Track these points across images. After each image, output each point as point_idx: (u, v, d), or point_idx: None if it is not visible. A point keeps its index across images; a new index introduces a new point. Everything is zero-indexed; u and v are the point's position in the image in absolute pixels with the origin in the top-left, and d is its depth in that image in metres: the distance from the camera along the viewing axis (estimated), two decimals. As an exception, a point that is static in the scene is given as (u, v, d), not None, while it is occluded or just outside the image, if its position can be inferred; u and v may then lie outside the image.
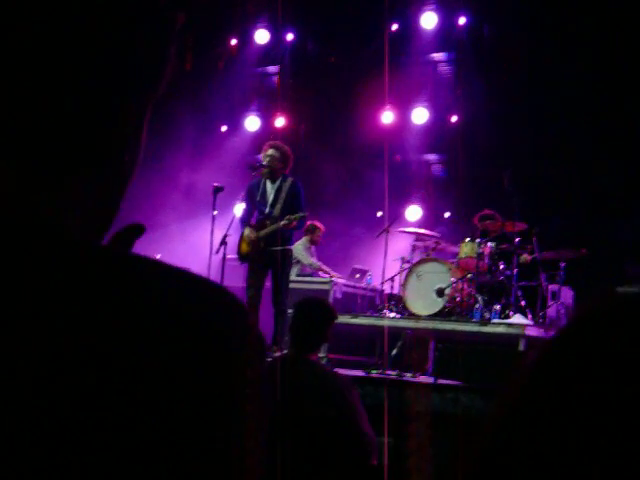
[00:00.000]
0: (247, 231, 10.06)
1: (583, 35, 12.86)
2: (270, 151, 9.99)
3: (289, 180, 10.02)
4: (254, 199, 10.10)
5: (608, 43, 12.51)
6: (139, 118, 1.02)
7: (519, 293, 10.69)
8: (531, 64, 13.92)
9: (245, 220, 10.20)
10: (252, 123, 16.82)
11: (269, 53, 17.03)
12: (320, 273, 12.45)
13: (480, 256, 10.91)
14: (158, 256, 14.10)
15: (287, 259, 10.03)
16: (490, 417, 0.79)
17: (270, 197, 10.00)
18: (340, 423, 4.79)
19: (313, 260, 12.63)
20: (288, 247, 10.00)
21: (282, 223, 9.67)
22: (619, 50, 12.39)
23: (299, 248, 12.20)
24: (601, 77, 12.64)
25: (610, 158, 12.17)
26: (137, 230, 1.00)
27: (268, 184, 10.04)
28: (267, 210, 9.98)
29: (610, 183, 12.23)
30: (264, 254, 9.89)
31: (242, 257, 10.18)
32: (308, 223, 12.06)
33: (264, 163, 9.98)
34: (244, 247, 10.10)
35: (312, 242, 12.79)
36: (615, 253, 11.32)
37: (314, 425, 4.75)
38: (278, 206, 9.92)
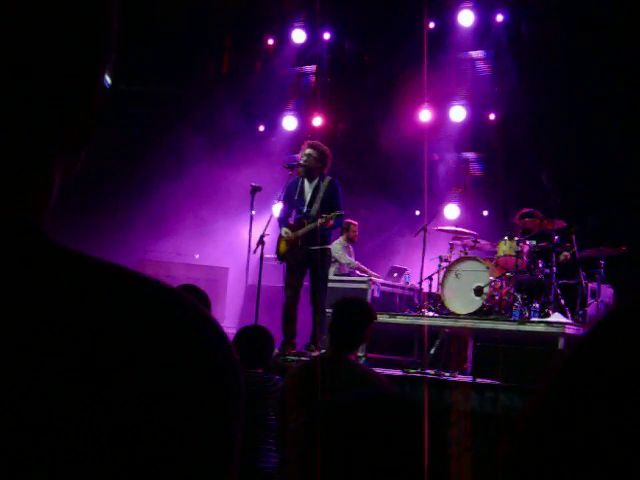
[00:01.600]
0: (285, 230, 10.06)
1: (622, 29, 12.74)
2: (308, 150, 9.98)
3: (327, 179, 10.00)
4: (292, 198, 10.09)
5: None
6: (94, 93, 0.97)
7: (558, 291, 10.63)
8: (569, 60, 13.82)
9: (283, 219, 10.19)
10: (290, 123, 16.83)
11: (306, 52, 17.03)
12: (357, 272, 12.44)
13: (519, 254, 10.86)
14: (197, 256, 14.18)
15: (325, 258, 10.02)
16: (523, 413, 0.80)
17: (308, 196, 9.99)
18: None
19: (351, 259, 12.63)
20: (326, 246, 9.99)
21: (319, 222, 9.65)
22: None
23: (337, 247, 12.20)
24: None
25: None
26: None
27: (306, 183, 10.03)
28: (305, 209, 9.97)
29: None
30: (302, 253, 9.88)
31: (280, 257, 10.18)
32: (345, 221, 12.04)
33: (302, 162, 9.98)
34: (282, 247, 10.10)
35: (349, 240, 12.78)
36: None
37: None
38: (316, 205, 9.90)
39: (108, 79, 0.97)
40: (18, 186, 0.90)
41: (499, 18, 15.12)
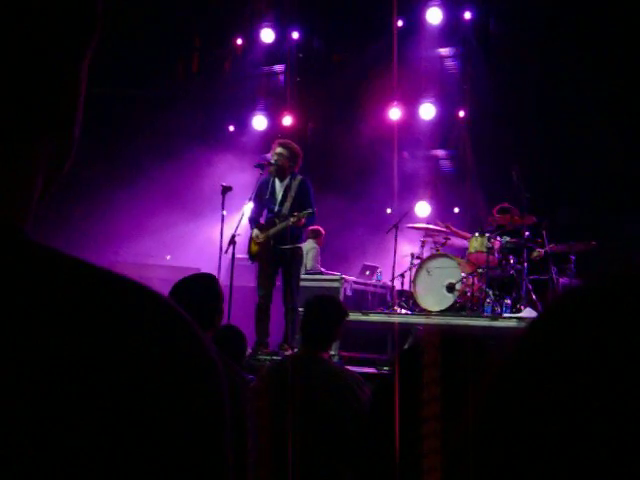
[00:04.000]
0: (256, 230, 10.06)
1: (591, 28, 12.82)
2: (279, 149, 9.98)
3: (298, 178, 10.00)
4: (263, 198, 10.09)
5: (617, 37, 12.48)
6: (77, 78, 0.95)
7: (530, 287, 10.68)
8: (538, 57, 13.89)
9: (254, 219, 10.18)
10: (259, 122, 16.82)
11: (275, 52, 17.03)
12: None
13: (490, 250, 10.90)
14: (168, 257, 14.13)
15: (297, 257, 10.02)
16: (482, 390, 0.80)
17: (279, 195, 9.99)
18: (352, 420, 4.79)
19: (318, 265, 12.66)
20: (298, 245, 9.99)
21: (291, 220, 9.65)
22: (629, 44, 12.35)
23: (313, 253, 12.25)
24: (609, 69, 12.61)
25: (619, 151, 12.13)
26: None
27: (277, 182, 10.04)
28: (276, 208, 9.97)
29: (619, 175, 12.20)
30: (274, 253, 9.88)
31: (252, 256, 10.18)
32: (310, 228, 12.05)
33: (273, 161, 9.98)
34: (254, 247, 10.09)
35: (320, 246, 12.83)
36: (625, 245, 11.29)
37: (326, 423, 4.75)
38: (287, 204, 9.91)
39: None
40: None
41: (467, 16, 15.19)
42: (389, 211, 14.52)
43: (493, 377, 0.78)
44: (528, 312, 10.10)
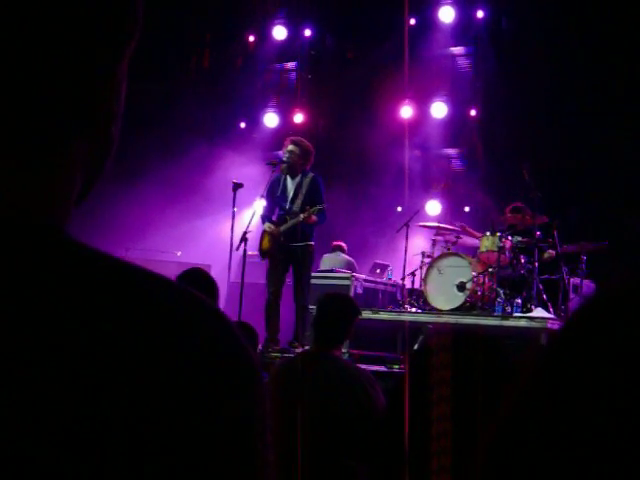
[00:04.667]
0: (268, 227, 10.06)
1: (602, 26, 12.80)
2: (290, 147, 9.99)
3: (309, 175, 10.01)
4: (275, 195, 10.10)
5: (629, 33, 12.44)
6: (116, 78, 0.95)
7: (540, 287, 10.66)
8: (550, 56, 13.87)
9: (266, 217, 10.19)
10: (271, 119, 16.82)
11: (287, 49, 17.03)
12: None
13: (501, 250, 10.88)
14: (179, 253, 14.14)
15: (308, 255, 10.01)
16: (504, 406, 0.80)
17: (290, 193, 10.00)
18: (363, 418, 4.79)
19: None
20: (309, 243, 9.98)
21: (302, 217, 9.66)
22: None
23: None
24: (622, 68, 12.58)
25: (631, 149, 12.10)
26: None
27: (288, 180, 10.04)
28: (287, 206, 9.98)
29: (630, 175, 12.17)
30: (285, 250, 9.89)
31: (263, 253, 10.18)
32: (334, 244, 12.15)
33: (284, 159, 9.98)
34: (265, 243, 10.10)
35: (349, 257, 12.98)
36: (637, 245, 11.26)
37: (336, 420, 4.75)
38: (298, 202, 9.91)
39: None
40: (30, 179, 0.88)
41: (480, 14, 15.16)
42: (400, 209, 14.50)
43: (526, 381, 0.78)
44: (538, 312, 10.09)
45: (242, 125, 17.12)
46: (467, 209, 14.66)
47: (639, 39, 12.26)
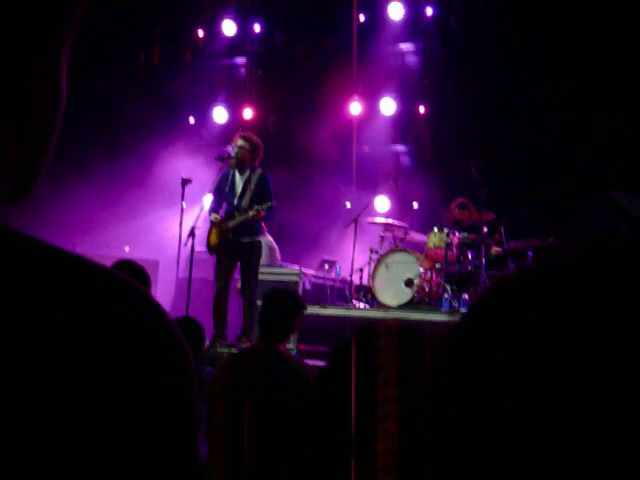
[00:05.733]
0: (214, 218, 10.03)
1: (550, 24, 12.91)
2: (240, 142, 9.97)
3: (258, 171, 10.01)
4: (223, 190, 10.07)
5: (576, 32, 12.56)
6: (50, 66, 0.91)
7: (487, 282, 10.73)
8: (497, 54, 13.96)
9: (213, 211, 10.16)
10: (220, 115, 16.75)
11: (237, 45, 16.96)
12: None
13: (448, 246, 10.95)
14: (127, 249, 14.06)
15: (256, 250, 10.00)
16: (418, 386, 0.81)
17: (239, 188, 9.99)
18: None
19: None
20: (257, 238, 9.98)
21: (250, 213, 9.66)
22: (588, 41, 12.44)
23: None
24: (569, 67, 12.70)
25: (578, 146, 12.22)
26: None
27: (237, 175, 10.03)
28: (235, 201, 9.96)
29: (577, 172, 12.29)
30: (233, 246, 9.87)
31: (211, 249, 10.15)
32: None
33: (233, 154, 9.97)
34: (213, 239, 10.07)
35: None
36: (582, 241, 11.37)
37: (283, 415, 4.76)
38: (247, 197, 9.90)
39: None
40: None
41: (429, 12, 15.21)
42: (348, 205, 14.54)
43: (432, 366, 0.80)
44: (485, 307, 10.15)
45: (191, 120, 17.03)
46: (416, 205, 14.72)
47: (586, 38, 12.39)
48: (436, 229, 11.31)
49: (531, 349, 0.69)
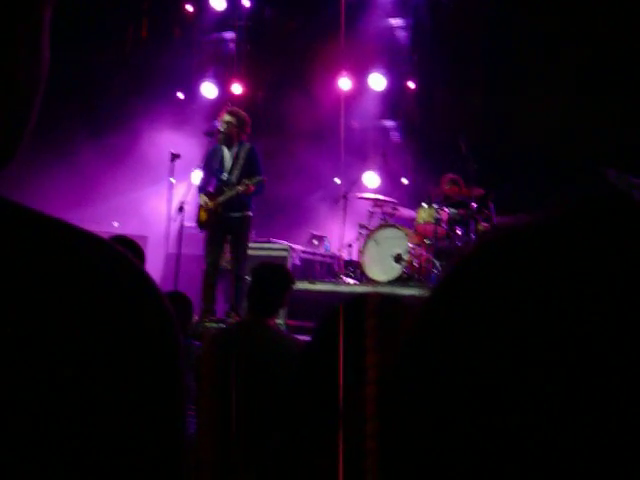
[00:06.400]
0: (204, 200, 10.02)
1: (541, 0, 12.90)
2: (227, 117, 9.95)
3: (246, 146, 9.99)
4: (212, 166, 10.06)
5: (567, 7, 12.54)
6: (33, 28, 0.90)
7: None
8: (487, 28, 13.94)
9: (203, 188, 10.15)
10: (209, 90, 16.69)
11: (226, 19, 16.89)
12: None
13: (438, 222, 10.96)
14: (116, 224, 14.04)
15: (246, 225, 10.00)
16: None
17: (227, 164, 9.97)
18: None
19: None
20: (247, 213, 9.97)
21: (240, 188, 9.65)
22: (578, 14, 12.42)
23: None
24: (559, 40, 12.68)
25: (569, 124, 12.23)
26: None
27: (225, 151, 10.01)
28: (225, 177, 9.95)
29: (568, 148, 12.29)
30: (222, 221, 9.86)
31: (201, 225, 10.15)
32: None
33: (221, 129, 9.95)
34: (202, 215, 10.06)
35: None
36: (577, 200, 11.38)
37: (271, 389, 4.76)
38: (236, 172, 9.89)
39: None
40: None
41: (418, -14, 15.18)
42: (338, 181, 14.53)
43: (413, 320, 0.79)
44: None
45: (180, 96, 16.98)
46: (405, 181, 14.72)
47: (578, 10, 12.36)
48: (425, 205, 11.32)
49: (518, 308, 0.68)
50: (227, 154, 10.00)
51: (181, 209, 10.14)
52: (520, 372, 0.65)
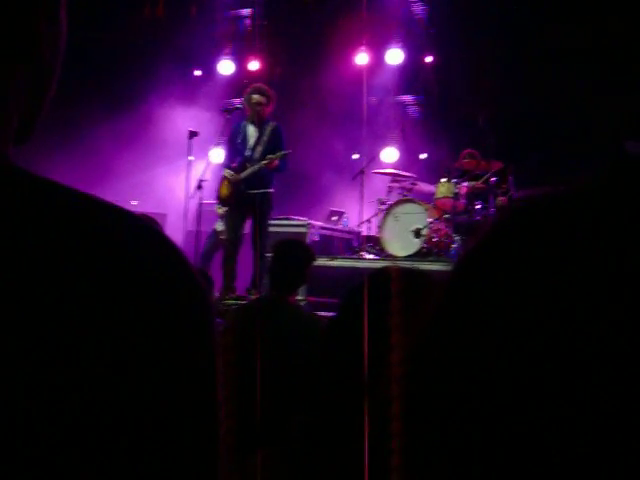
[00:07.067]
0: (228, 174, 10.01)
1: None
2: (256, 97, 9.88)
3: (271, 124, 9.98)
4: (235, 142, 10.04)
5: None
6: (54, 3, 0.92)
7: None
8: (505, 1, 13.84)
9: (228, 165, 10.13)
10: (226, 67, 16.65)
11: (242, -5, 16.85)
12: None
13: (457, 196, 10.93)
14: (134, 202, 14.06)
15: (267, 202, 9.98)
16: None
17: (251, 140, 9.95)
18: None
19: None
20: (268, 190, 9.96)
21: (263, 162, 9.65)
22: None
23: None
24: (576, 15, 12.58)
25: (590, 96, 12.15)
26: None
27: (250, 127, 9.98)
28: (248, 153, 9.93)
29: (589, 121, 12.23)
30: (244, 197, 9.85)
31: (222, 201, 10.15)
32: None
33: (255, 108, 9.87)
34: (224, 191, 10.06)
35: None
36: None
37: (294, 366, 4.78)
38: (259, 149, 9.88)
39: None
40: None
41: (435, -40, 15.08)
42: (356, 156, 14.50)
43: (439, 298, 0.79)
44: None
45: (197, 73, 16.95)
46: (423, 156, 14.68)
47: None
48: (444, 179, 11.28)
49: (549, 282, 0.68)
50: (252, 130, 9.98)
51: (199, 187, 10.14)
52: (556, 349, 0.65)
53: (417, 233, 10.88)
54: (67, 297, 0.78)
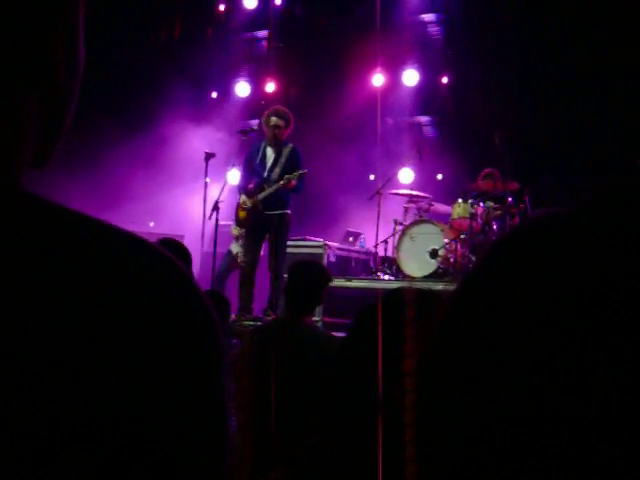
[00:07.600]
0: (244, 196, 10.04)
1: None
2: (275, 120, 9.91)
3: (289, 146, 10.02)
4: (253, 164, 10.07)
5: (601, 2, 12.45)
6: (70, 29, 0.92)
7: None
8: (521, 23, 13.86)
9: (244, 187, 10.15)
10: (242, 89, 16.73)
11: (258, 18, 16.92)
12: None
13: (473, 216, 10.91)
14: (151, 224, 14.11)
15: (285, 223, 10.00)
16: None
17: (269, 161, 9.99)
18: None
19: None
20: (286, 211, 9.97)
21: (281, 183, 9.67)
22: (613, 9, 12.32)
23: None
24: (591, 34, 12.59)
25: (601, 116, 12.14)
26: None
27: (268, 149, 10.02)
28: (266, 174, 9.96)
29: (603, 141, 12.20)
30: (262, 218, 9.87)
31: (240, 223, 10.18)
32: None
33: (274, 131, 9.90)
34: (242, 213, 10.08)
35: None
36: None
37: (309, 387, 4.77)
38: (277, 170, 9.91)
39: None
40: None
41: (450, -19, 15.12)
42: (372, 177, 14.51)
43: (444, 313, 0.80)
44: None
45: (213, 95, 17.03)
46: (440, 176, 14.68)
47: (612, 7, 12.26)
48: (460, 200, 11.27)
49: (545, 296, 0.69)
50: (270, 152, 10.01)
51: (216, 208, 10.17)
52: (555, 354, 0.66)
53: (433, 254, 10.87)
54: (70, 323, 0.79)
